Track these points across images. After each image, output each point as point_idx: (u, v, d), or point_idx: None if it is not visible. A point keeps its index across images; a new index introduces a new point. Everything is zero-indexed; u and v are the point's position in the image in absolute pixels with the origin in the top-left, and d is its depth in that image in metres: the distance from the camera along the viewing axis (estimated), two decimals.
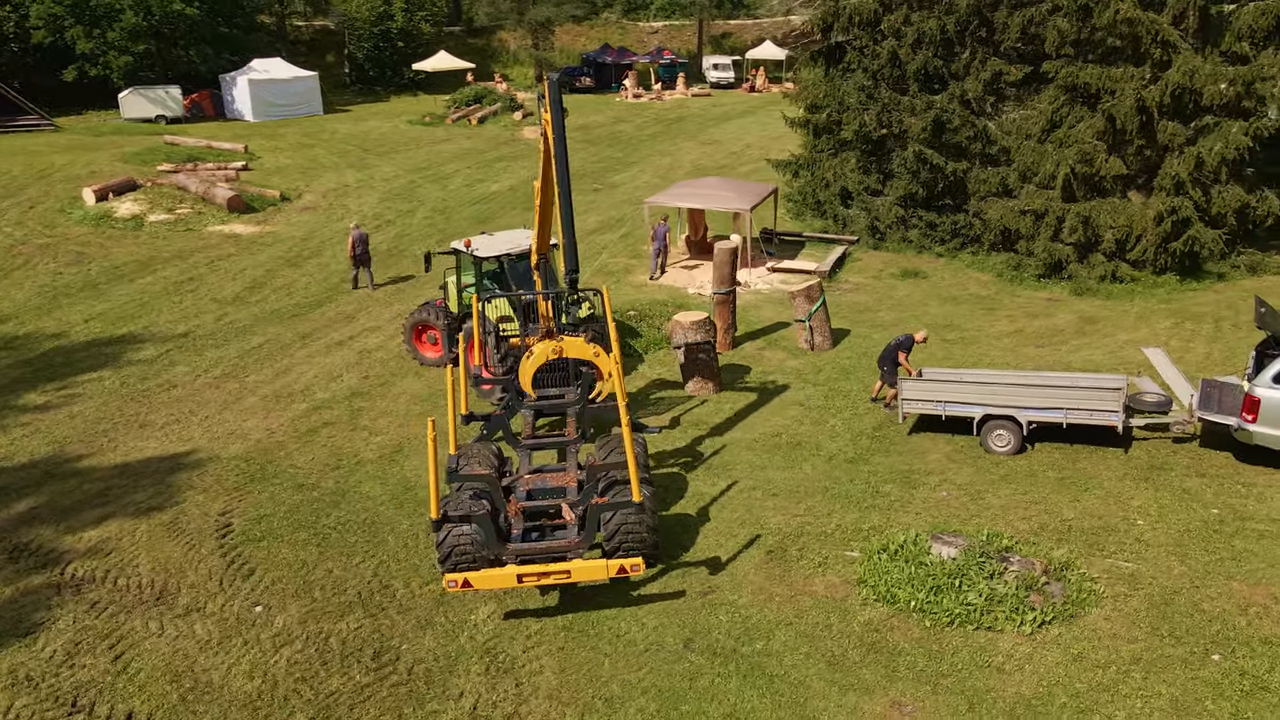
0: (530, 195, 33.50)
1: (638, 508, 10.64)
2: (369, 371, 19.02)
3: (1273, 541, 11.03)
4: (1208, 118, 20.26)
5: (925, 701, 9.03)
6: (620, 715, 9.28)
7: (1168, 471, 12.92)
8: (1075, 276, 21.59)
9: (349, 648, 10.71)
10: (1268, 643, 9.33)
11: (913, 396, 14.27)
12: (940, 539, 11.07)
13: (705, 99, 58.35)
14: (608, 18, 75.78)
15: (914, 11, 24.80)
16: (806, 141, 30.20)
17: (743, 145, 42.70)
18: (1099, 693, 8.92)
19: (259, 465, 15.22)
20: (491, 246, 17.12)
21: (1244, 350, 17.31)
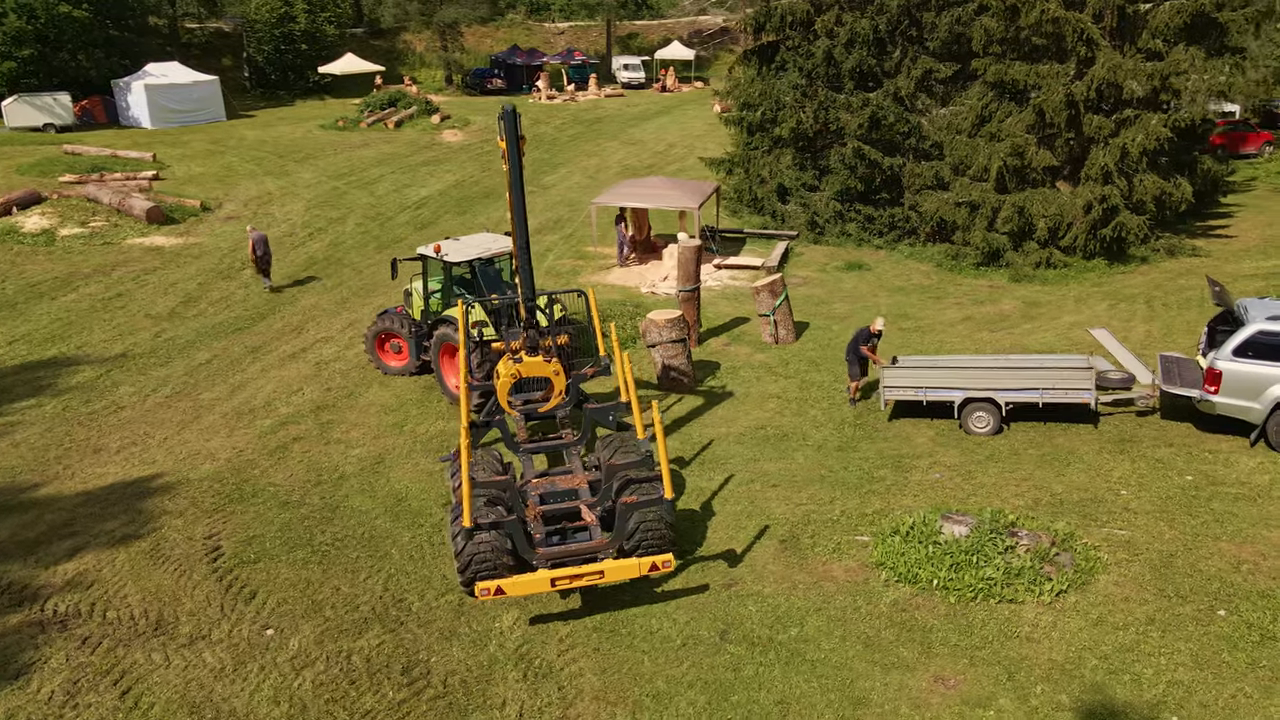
0: (465, 200, 33.27)
1: (668, 505, 10.73)
2: (330, 383, 18.52)
3: (1247, 503, 11.88)
4: (1128, 111, 21.54)
5: (965, 674, 9.41)
6: (672, 710, 9.36)
7: (1138, 443, 13.74)
8: (1012, 264, 22.64)
9: (374, 665, 10.47)
10: (1265, 596, 10.06)
11: (894, 384, 14.75)
12: (950, 518, 11.52)
13: (619, 99, 58.55)
14: (513, 19, 75.23)
15: (844, 12, 25.54)
16: (739, 139, 30.72)
17: (666, 144, 43.11)
18: (1124, 654, 9.47)
19: (234, 485, 14.67)
20: (461, 251, 16.89)
21: (1179, 327, 18.53)
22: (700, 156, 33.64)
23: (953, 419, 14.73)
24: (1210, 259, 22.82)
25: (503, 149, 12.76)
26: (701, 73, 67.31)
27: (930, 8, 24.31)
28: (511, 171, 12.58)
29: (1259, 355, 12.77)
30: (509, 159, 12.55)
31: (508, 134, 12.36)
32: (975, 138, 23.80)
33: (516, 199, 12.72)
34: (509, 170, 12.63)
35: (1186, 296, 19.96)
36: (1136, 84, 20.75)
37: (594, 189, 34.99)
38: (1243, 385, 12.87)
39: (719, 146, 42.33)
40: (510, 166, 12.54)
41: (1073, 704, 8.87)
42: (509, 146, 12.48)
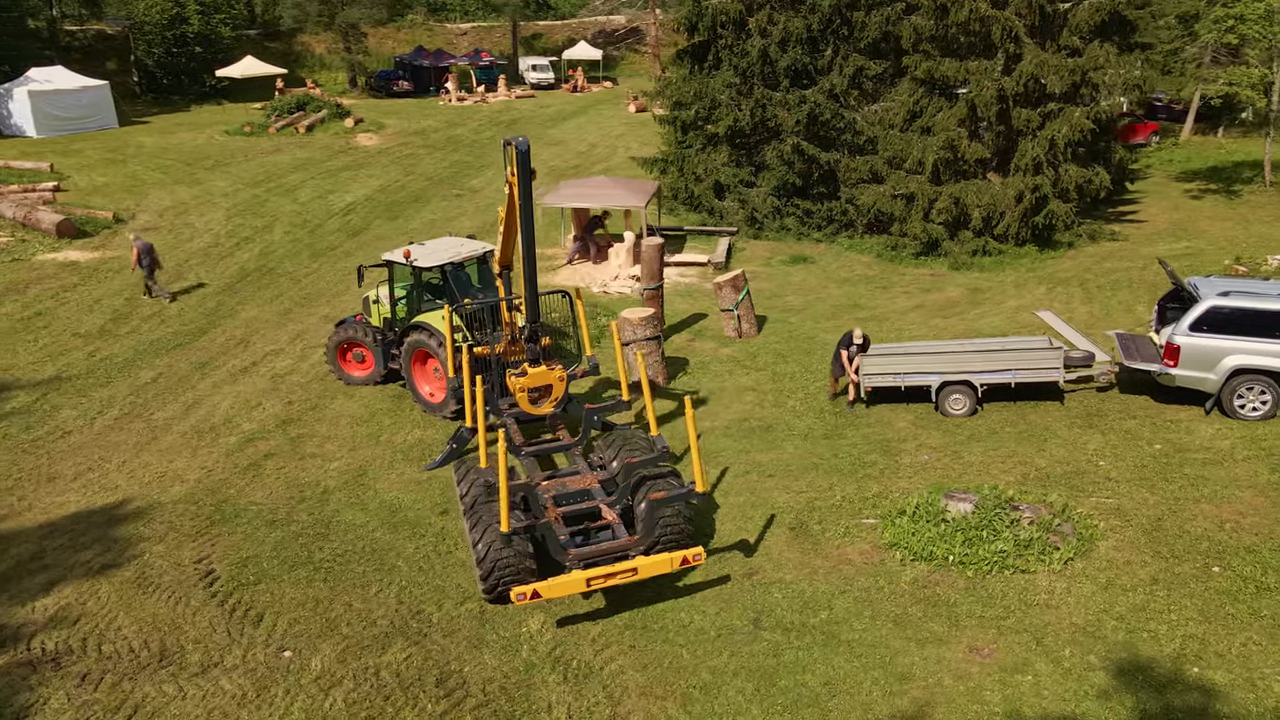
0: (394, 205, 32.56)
1: (701, 498, 10.87)
2: (291, 396, 17.95)
3: (1215, 467, 12.78)
4: (1051, 104, 22.74)
5: (997, 643, 9.87)
6: (722, 699, 9.51)
7: (1105, 417, 14.59)
8: (949, 253, 23.61)
9: (406, 679, 10.27)
10: (1251, 551, 10.87)
11: (873, 371, 15.24)
12: (953, 496, 12.02)
13: (531, 100, 58.18)
14: (413, 19, 73.83)
15: (776, 11, 26.12)
16: (671, 138, 31.02)
17: (587, 144, 43.12)
18: (1137, 613, 10.09)
19: (212, 506, 14.10)
20: (431, 256, 16.60)
21: (1115, 307, 19.69)
22: (632, 156, 33.81)
23: (928, 403, 15.32)
24: (1128, 242, 24.32)
25: (512, 181, 12.51)
26: (610, 73, 67.48)
27: (860, 7, 25.11)
28: (522, 207, 12.48)
29: (1213, 329, 13.74)
30: (519, 194, 12.42)
31: (520, 168, 12.21)
32: (908, 132, 24.69)
33: (526, 232, 12.68)
34: (519, 204, 12.52)
35: (1115, 279, 21.22)
36: (1059, 79, 21.94)
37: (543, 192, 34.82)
38: (1199, 358, 13.83)
39: (641, 145, 42.76)
40: (520, 202, 12.43)
41: (1102, 663, 9.42)
42: (520, 181, 12.33)
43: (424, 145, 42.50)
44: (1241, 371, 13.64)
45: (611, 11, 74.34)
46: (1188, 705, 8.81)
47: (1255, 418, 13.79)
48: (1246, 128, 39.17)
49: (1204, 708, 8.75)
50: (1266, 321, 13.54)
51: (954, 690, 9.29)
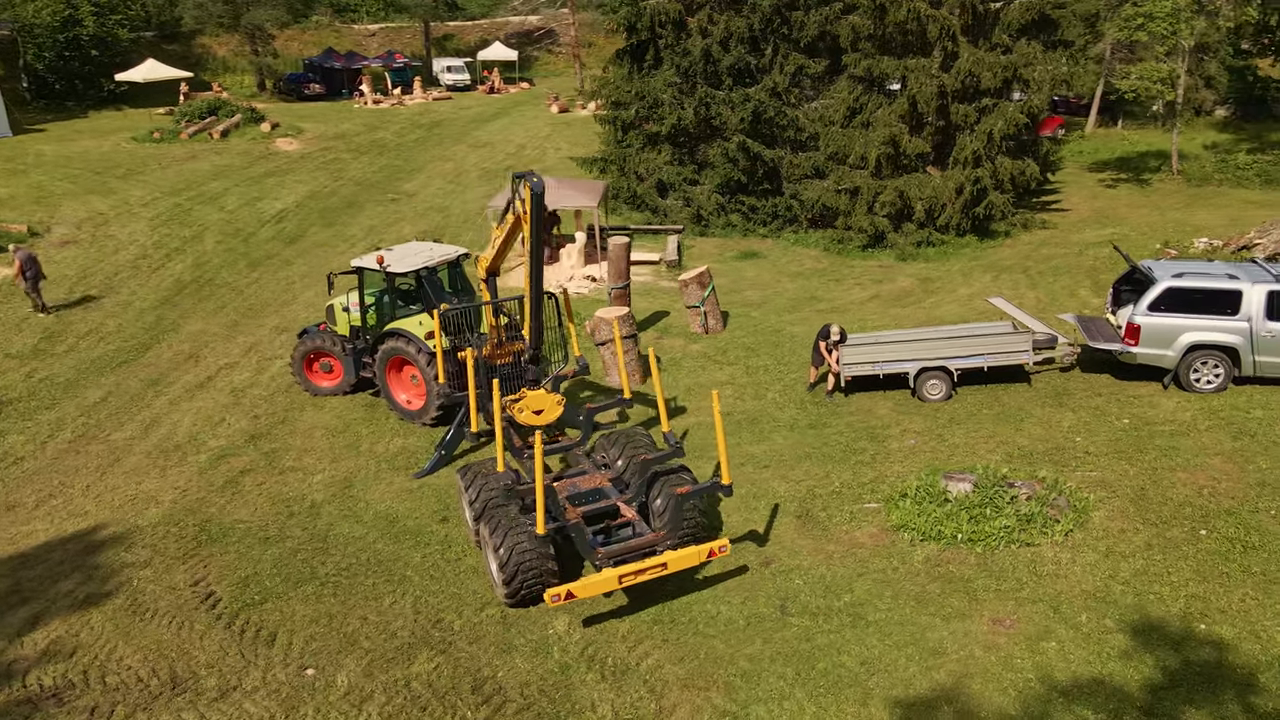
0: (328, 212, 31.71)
1: (727, 489, 11.03)
2: (256, 410, 17.41)
3: (1182, 437, 13.62)
4: (986, 100, 23.74)
5: (1017, 614, 10.34)
6: (764, 685, 9.70)
7: (1073, 396, 15.37)
8: (895, 245, 24.40)
9: (439, 689, 10.14)
10: (1231, 513, 11.65)
11: (852, 360, 15.69)
12: (951, 477, 12.50)
13: (448, 102, 57.38)
14: (319, 20, 71.94)
15: (716, 12, 26.51)
16: (610, 137, 31.13)
17: (516, 146, 42.85)
18: (1140, 577, 10.72)
19: (195, 527, 13.60)
20: (405, 261, 16.32)
21: (1059, 292, 20.71)
22: (570, 156, 33.79)
23: (905, 389, 15.86)
24: (1058, 230, 25.58)
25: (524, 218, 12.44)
26: (526, 73, 67.09)
27: (799, 7, 25.69)
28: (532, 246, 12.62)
29: (1170, 308, 14.63)
30: (529, 233, 12.43)
31: (534, 210, 12.17)
32: (849, 128, 25.39)
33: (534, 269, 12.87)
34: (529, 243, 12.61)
35: (1054, 265, 22.31)
36: (992, 75, 22.93)
37: (458, 193, 34.45)
38: (1158, 336, 14.70)
39: (570, 145, 42.74)
40: (531, 241, 12.51)
41: (1118, 626, 9.97)
42: (533, 223, 12.31)
43: (348, 149, 41.54)
44: (1197, 347, 14.56)
45: (531, 12, 73.85)
46: (1203, 660, 9.41)
47: (1209, 390, 14.75)
48: (1142, 120, 41.57)
49: (1218, 661, 9.37)
50: (1218, 300, 14.49)
51: (986, 661, 9.70)
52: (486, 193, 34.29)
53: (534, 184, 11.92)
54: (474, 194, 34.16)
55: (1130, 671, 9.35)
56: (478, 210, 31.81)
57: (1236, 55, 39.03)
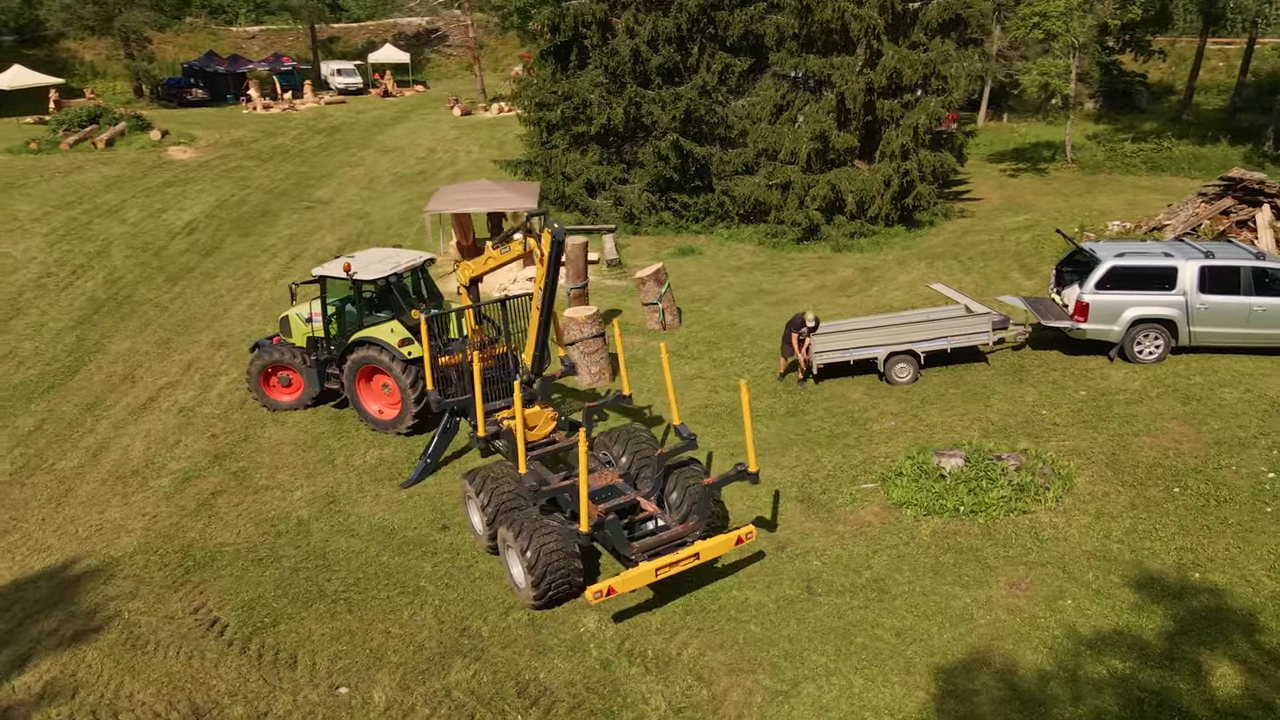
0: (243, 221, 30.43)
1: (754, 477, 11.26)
2: (213, 430, 16.69)
3: (1137, 405, 14.65)
4: (907, 95, 24.81)
5: (1030, 577, 10.96)
6: (809, 664, 10.00)
7: (1030, 372, 16.30)
8: (828, 237, 25.20)
9: (483, 695, 10.05)
10: (1197, 471, 12.63)
11: (824, 348, 16.21)
12: (942, 454, 13.11)
13: (342, 106, 55.74)
14: (194, 23, 68.72)
15: (641, 12, 26.77)
16: (535, 138, 30.98)
17: (425, 150, 42.09)
18: (1132, 535, 11.52)
19: (178, 554, 12.99)
20: (372, 268, 15.93)
21: (992, 275, 21.85)
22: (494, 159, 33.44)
23: (873, 373, 16.49)
24: (976, 218, 26.95)
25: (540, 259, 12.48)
26: (419, 76, 65.82)
27: (724, 7, 26.20)
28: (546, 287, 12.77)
29: (1115, 286, 15.71)
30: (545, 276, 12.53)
31: (553, 256, 12.27)
32: (776, 125, 26.08)
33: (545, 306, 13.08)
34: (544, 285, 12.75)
35: (982, 250, 23.52)
36: (913, 72, 23.99)
37: (375, 199, 33.63)
38: (1104, 312, 15.77)
39: (481, 148, 42.34)
40: (546, 282, 12.65)
41: (1123, 581, 10.71)
42: (550, 268, 12.42)
43: (248, 157, 39.93)
44: (1140, 321, 15.69)
45: (430, 12, 72.35)
46: (1205, 606, 10.23)
47: (1151, 360, 15.91)
48: (1023, 113, 44.12)
49: (1218, 606, 10.20)
50: (1156, 277, 15.65)
51: (1012, 623, 10.27)
52: (404, 198, 33.65)
53: (555, 231, 12.01)
54: (392, 200, 33.43)
55: (1144, 622, 10.08)
56: (400, 216, 31.19)
57: (1103, 51, 41.86)
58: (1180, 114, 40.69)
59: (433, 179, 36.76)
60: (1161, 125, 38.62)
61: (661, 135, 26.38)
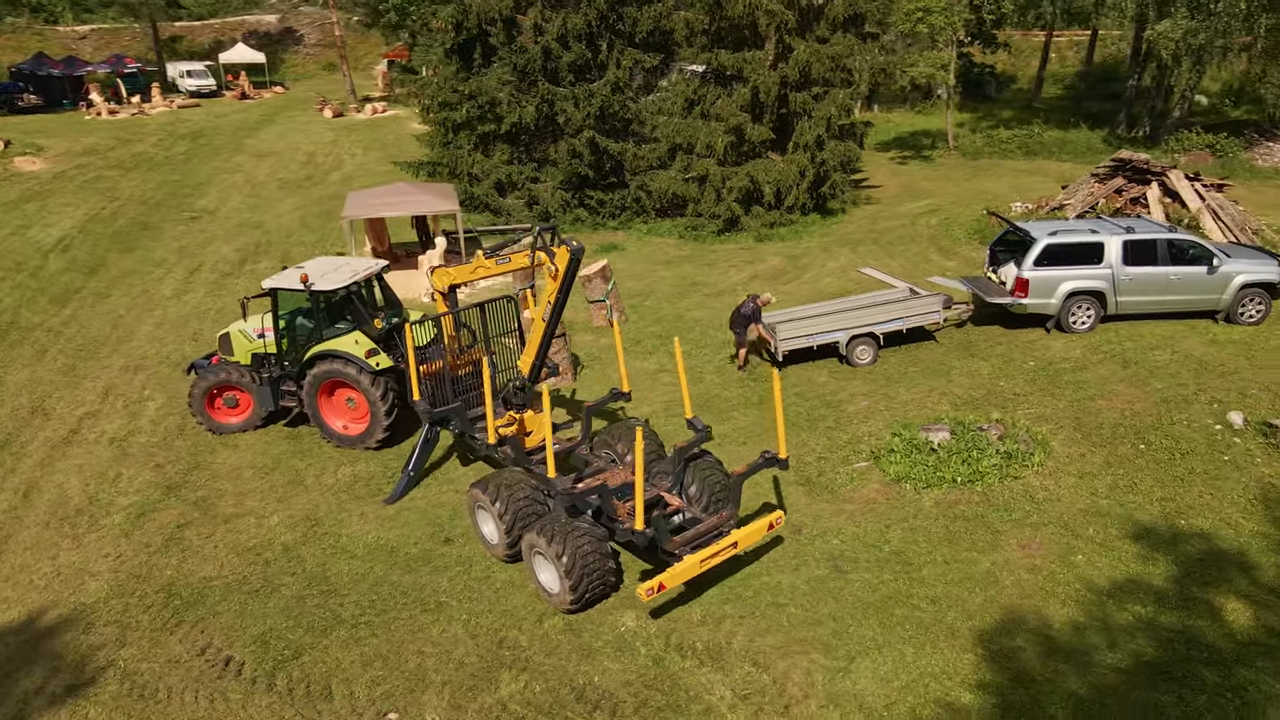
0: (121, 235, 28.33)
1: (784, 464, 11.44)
2: (155, 459, 15.61)
3: (1083, 371, 15.75)
4: (816, 89, 25.67)
5: (1037, 538, 11.66)
6: (858, 638, 10.30)
7: (979, 347, 17.24)
8: (748, 228, 25.79)
9: (541, 705, 9.87)
10: (1156, 428, 13.73)
11: (787, 335, 16.64)
12: (929, 429, 13.74)
13: (197, 110, 52.54)
14: (15, 23, 63.17)
15: (548, 9, 26.57)
16: (436, 139, 30.24)
17: (305, 154, 40.30)
18: (1116, 490, 12.43)
19: (160, 594, 12.12)
20: (331, 278, 15.21)
21: (913, 258, 22.92)
22: (383, 161, 32.36)
23: (832, 357, 17.06)
24: (882, 204, 28.17)
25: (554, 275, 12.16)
26: (277, 77, 62.84)
27: (631, 3, 26.33)
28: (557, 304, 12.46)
29: (1050, 263, 16.83)
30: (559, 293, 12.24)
31: (568, 273, 11.99)
32: (689, 119, 26.46)
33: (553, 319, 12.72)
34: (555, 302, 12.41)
35: (898, 235, 24.63)
36: (821, 66, 24.85)
37: (265, 207, 32.02)
38: (1042, 287, 16.87)
39: (364, 151, 40.97)
40: (558, 298, 12.35)
41: (1121, 534, 11.56)
42: (563, 285, 12.14)
43: (109, 166, 37.12)
44: (1074, 294, 16.88)
45: (284, 10, 68.89)
46: (1199, 549, 11.17)
47: (1084, 330, 17.14)
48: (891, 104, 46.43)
49: (1210, 549, 11.17)
50: (1086, 252, 16.87)
51: (1034, 581, 10.92)
52: (297, 205, 32.18)
53: (574, 249, 11.78)
54: (284, 207, 31.90)
55: (1151, 569, 10.93)
56: (298, 223, 29.83)
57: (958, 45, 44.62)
58: (1032, 102, 43.76)
59: (321, 184, 35.32)
60: (1017, 113, 41.44)
61: (576, 133, 26.28)
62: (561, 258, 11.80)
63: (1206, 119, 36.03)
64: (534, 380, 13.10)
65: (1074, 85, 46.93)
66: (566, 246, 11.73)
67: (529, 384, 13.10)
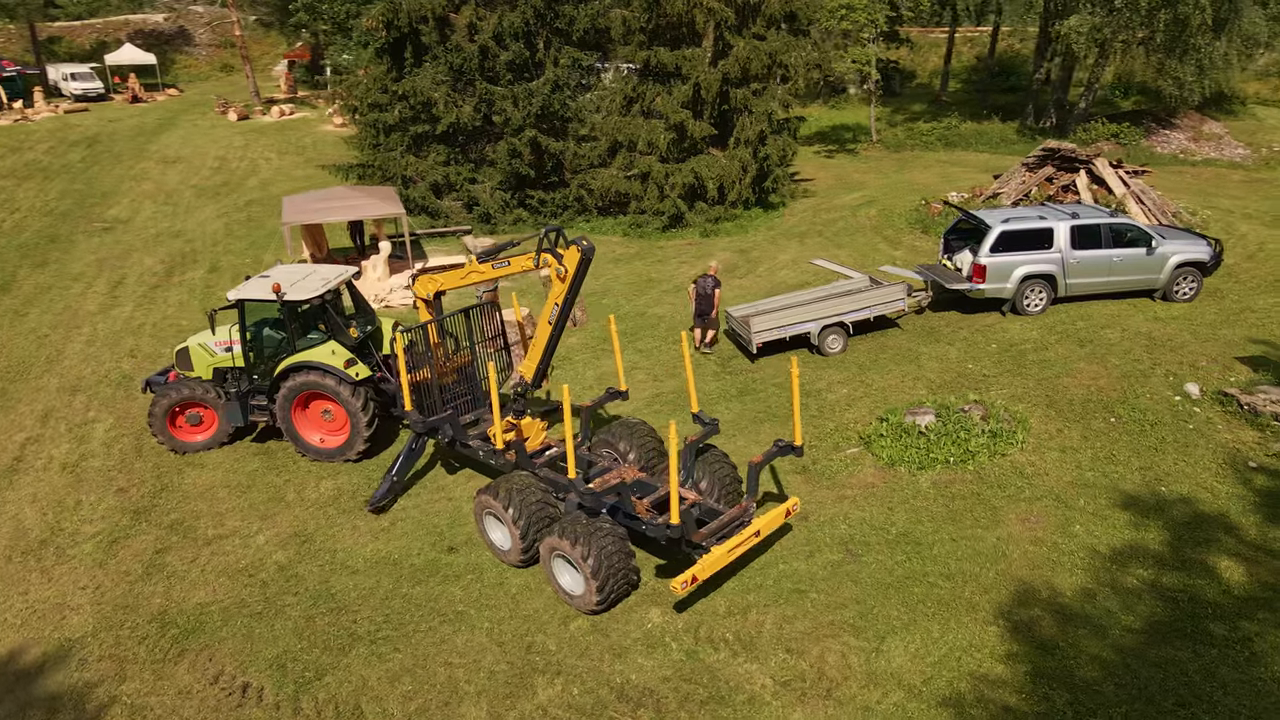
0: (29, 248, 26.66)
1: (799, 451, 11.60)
2: (117, 484, 14.85)
3: (1044, 351, 16.49)
4: (755, 85, 26.06)
5: (1033, 511, 12.18)
6: (884, 618, 10.57)
7: (941, 332, 17.85)
8: (692, 224, 26.01)
9: (583, 707, 9.81)
10: (1123, 401, 14.50)
11: (762, 328, 16.90)
12: (914, 413, 14.17)
13: (87, 115, 49.72)
14: None
15: (482, 8, 26.20)
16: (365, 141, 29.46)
17: (216, 159, 38.68)
18: (1097, 461, 13.08)
19: (154, 624, 11.55)
20: (302, 287, 14.69)
21: (860, 248, 23.53)
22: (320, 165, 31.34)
23: (802, 348, 17.41)
24: (819, 197, 28.80)
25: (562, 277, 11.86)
26: (168, 79, 59.99)
27: (569, 1, 26.18)
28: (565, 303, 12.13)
29: (1006, 248, 17.55)
30: (566, 294, 11.94)
31: (577, 273, 11.73)
32: (628, 116, 26.51)
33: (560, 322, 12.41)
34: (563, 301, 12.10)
35: (841, 226, 25.24)
36: (760, 63, 25.26)
37: (183, 215, 30.64)
38: (999, 272, 17.58)
39: (279, 156, 39.56)
40: (566, 297, 12.01)
41: (1110, 503, 12.18)
42: (572, 285, 11.86)
43: (1, 176, 34.85)
44: (1028, 278, 17.66)
45: (172, 9, 65.66)
46: (1184, 514, 11.85)
47: (1036, 312, 17.95)
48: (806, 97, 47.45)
49: (1194, 512, 11.86)
50: (1037, 238, 17.66)
51: (1039, 552, 11.41)
52: (218, 211, 30.87)
53: (585, 248, 11.62)
54: (204, 214, 30.56)
55: (1145, 535, 11.55)
56: (223, 231, 28.62)
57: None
58: (939, 96, 45.44)
59: (239, 190, 33.97)
60: (927, 107, 42.98)
61: (516, 132, 26.02)
62: (571, 258, 11.68)
63: (1103, 109, 38.09)
64: (536, 385, 12.95)
65: (978, 80, 48.91)
66: (577, 246, 11.62)
67: (531, 388, 12.95)
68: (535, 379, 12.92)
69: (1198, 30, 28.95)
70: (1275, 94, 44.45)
